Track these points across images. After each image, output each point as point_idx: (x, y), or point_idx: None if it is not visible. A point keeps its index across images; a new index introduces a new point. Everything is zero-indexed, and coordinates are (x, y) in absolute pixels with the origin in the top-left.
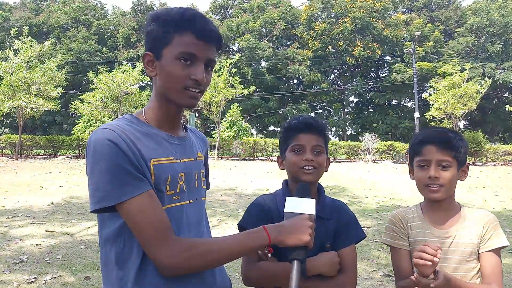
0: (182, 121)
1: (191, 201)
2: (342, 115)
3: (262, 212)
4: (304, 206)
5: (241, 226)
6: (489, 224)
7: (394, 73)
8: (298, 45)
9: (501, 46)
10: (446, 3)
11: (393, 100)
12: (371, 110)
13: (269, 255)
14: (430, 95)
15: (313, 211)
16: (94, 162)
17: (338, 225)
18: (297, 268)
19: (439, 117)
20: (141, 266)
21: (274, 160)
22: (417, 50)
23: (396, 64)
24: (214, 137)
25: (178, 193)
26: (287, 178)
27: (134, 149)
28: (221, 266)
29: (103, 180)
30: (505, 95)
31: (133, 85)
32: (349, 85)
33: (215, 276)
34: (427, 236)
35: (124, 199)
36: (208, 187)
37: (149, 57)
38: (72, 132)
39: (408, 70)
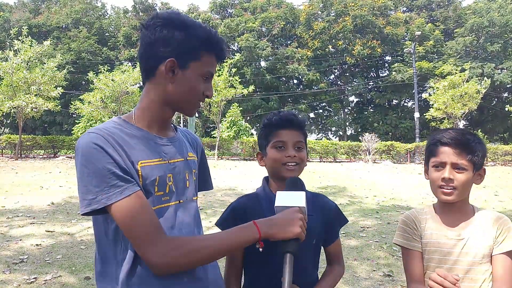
0: (182, 122)
1: (181, 201)
2: (342, 115)
3: (237, 216)
4: (294, 199)
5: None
6: (503, 226)
7: (394, 73)
8: (297, 44)
9: (500, 46)
10: (446, 3)
11: (393, 100)
12: (371, 110)
13: (260, 249)
14: (430, 95)
15: (303, 203)
16: (82, 166)
17: (324, 222)
18: (289, 260)
19: (439, 117)
20: (133, 265)
21: None
22: (417, 49)
23: (396, 64)
24: (214, 137)
25: (167, 193)
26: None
27: (121, 151)
28: (214, 263)
29: (91, 184)
30: (504, 95)
31: (133, 85)
32: (349, 85)
33: (207, 273)
34: (440, 238)
35: (112, 201)
36: (210, 187)
37: (172, 63)
38: (72, 132)
39: (408, 70)
